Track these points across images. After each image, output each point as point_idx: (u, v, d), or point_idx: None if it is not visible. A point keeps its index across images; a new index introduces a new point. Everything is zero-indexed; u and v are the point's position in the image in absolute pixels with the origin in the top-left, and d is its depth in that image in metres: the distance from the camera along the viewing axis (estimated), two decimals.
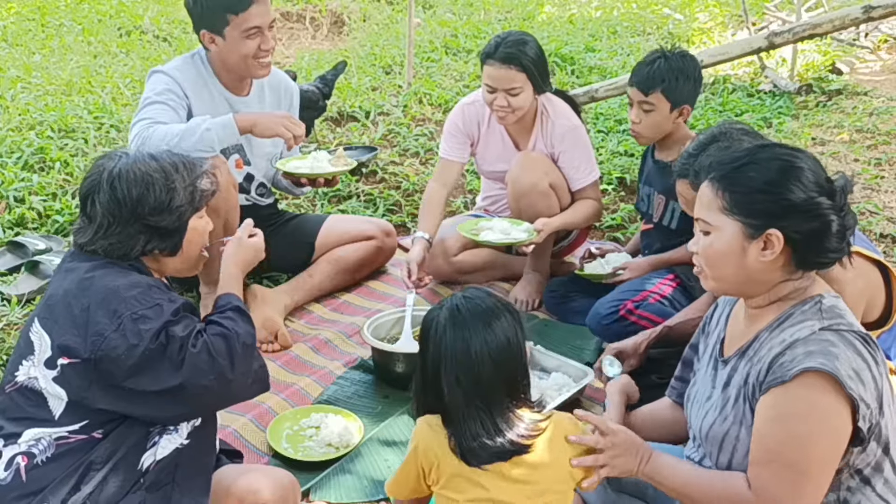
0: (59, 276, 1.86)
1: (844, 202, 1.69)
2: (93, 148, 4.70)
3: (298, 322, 3.26)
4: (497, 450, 1.65)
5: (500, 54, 3.13)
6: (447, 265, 3.48)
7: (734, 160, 1.73)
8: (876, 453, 1.64)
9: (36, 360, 1.73)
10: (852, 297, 2.08)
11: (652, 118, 2.95)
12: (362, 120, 5.47)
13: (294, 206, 4.26)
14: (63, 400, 1.71)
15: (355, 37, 8.13)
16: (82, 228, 1.87)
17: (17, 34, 7.25)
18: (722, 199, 1.70)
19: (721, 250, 1.71)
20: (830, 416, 1.58)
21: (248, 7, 2.92)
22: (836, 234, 1.66)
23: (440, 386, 1.69)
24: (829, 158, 4.90)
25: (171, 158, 1.92)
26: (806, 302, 1.70)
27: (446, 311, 1.72)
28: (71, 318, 1.72)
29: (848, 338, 1.63)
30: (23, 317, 3.21)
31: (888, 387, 1.66)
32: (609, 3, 9.19)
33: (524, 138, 3.39)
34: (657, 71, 2.90)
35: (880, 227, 3.98)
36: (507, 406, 1.68)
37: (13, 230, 3.88)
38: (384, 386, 2.81)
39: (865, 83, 6.38)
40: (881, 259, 2.16)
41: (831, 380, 1.56)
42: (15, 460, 1.69)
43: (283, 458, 2.41)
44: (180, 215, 1.88)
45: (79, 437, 1.71)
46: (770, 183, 1.67)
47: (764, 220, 1.66)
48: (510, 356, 1.69)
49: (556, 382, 2.69)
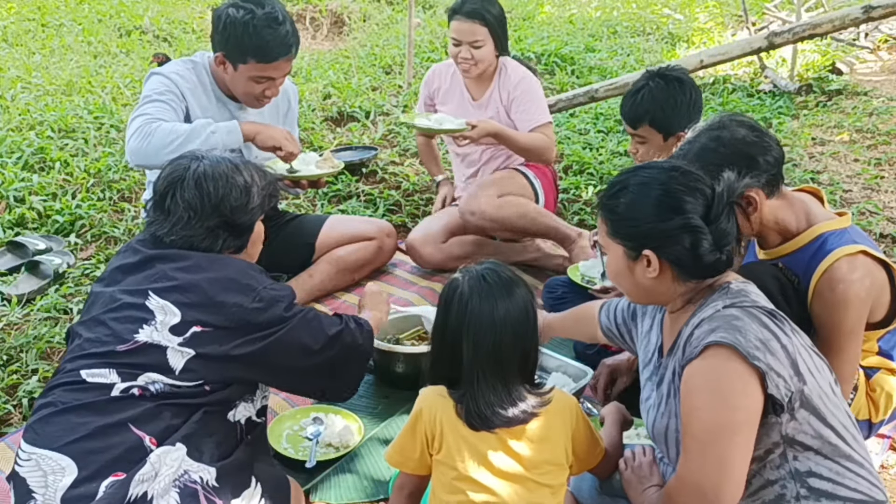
0: (151, 258, 1.99)
1: (723, 211, 1.74)
2: (93, 148, 4.70)
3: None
4: (506, 417, 1.72)
5: (466, 9, 3.46)
6: (437, 252, 3.60)
7: (611, 186, 1.84)
8: (810, 421, 1.67)
9: (159, 326, 1.88)
10: (858, 297, 2.08)
11: (648, 149, 2.84)
12: (362, 120, 5.48)
13: (294, 206, 4.26)
14: (185, 357, 1.87)
15: (355, 37, 8.14)
16: (157, 221, 2.02)
17: (17, 34, 7.25)
18: (605, 224, 1.83)
19: (614, 269, 1.85)
20: (734, 387, 1.62)
21: (271, 61, 2.89)
22: (710, 249, 1.73)
23: (459, 352, 1.74)
24: (829, 158, 4.91)
25: (247, 165, 2.11)
26: (716, 290, 1.78)
27: (471, 280, 1.78)
28: (205, 296, 1.90)
29: (752, 312, 1.69)
30: (23, 316, 3.22)
31: (807, 356, 1.70)
32: (609, 3, 9.19)
33: (481, 90, 3.63)
34: (641, 103, 2.77)
35: (880, 227, 3.98)
36: (518, 378, 1.75)
37: (13, 230, 3.88)
38: (384, 386, 2.81)
39: (865, 83, 6.38)
40: (885, 259, 2.16)
41: (734, 351, 1.62)
42: (131, 390, 1.84)
43: (283, 458, 2.41)
44: (252, 216, 2.08)
45: (189, 387, 1.87)
46: (636, 209, 1.76)
47: (637, 242, 1.77)
48: (528, 328, 1.77)
49: (556, 382, 2.69)
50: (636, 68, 6.36)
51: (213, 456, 1.84)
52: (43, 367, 2.91)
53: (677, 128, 2.77)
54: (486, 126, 3.39)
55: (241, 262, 2.04)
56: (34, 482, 1.74)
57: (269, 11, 2.86)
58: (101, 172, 4.38)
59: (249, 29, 2.84)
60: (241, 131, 2.84)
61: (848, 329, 2.10)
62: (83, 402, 1.82)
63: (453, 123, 3.42)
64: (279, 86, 3.02)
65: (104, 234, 3.87)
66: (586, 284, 3.15)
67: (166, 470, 1.75)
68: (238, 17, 2.84)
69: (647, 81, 2.80)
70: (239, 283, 1.95)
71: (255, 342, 1.93)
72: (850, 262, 2.09)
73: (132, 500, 1.69)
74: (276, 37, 2.86)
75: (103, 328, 1.90)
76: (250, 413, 2.01)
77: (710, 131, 2.17)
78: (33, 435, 1.81)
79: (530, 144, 3.53)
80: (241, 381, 1.96)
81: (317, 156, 3.20)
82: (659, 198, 1.74)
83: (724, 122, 2.17)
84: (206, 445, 1.84)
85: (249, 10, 2.85)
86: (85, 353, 1.88)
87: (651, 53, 7.19)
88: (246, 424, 1.99)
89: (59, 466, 1.74)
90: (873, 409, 2.31)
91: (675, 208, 1.73)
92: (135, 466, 1.73)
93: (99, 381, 1.84)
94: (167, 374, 1.86)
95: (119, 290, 1.95)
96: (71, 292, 3.40)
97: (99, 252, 3.73)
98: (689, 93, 2.79)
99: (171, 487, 1.74)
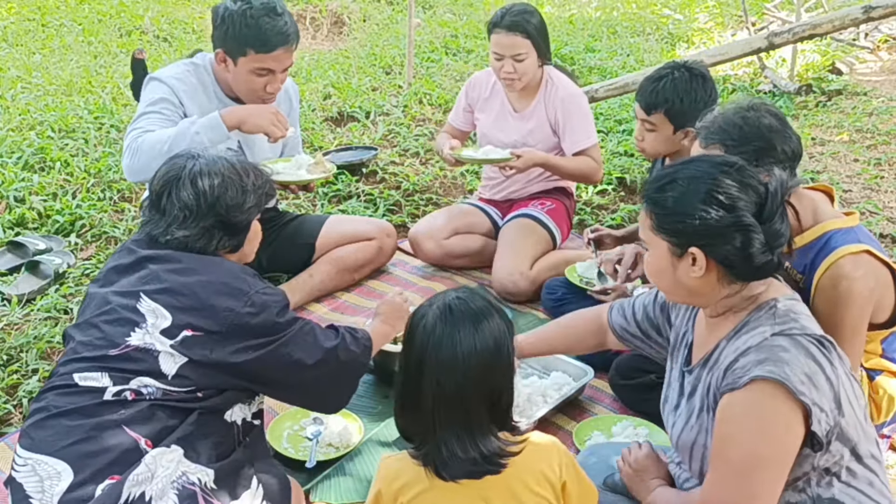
0: (144, 258, 1.97)
1: (777, 210, 1.68)
2: (93, 148, 4.70)
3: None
4: (469, 466, 1.57)
5: (506, 22, 3.32)
6: (438, 248, 3.59)
7: (658, 179, 1.76)
8: (842, 453, 1.65)
9: (150, 329, 1.87)
10: (862, 295, 2.08)
11: (654, 137, 2.81)
12: (362, 120, 5.48)
13: (295, 206, 4.26)
14: (178, 363, 1.85)
15: (355, 37, 8.14)
16: (153, 221, 2.00)
17: (18, 34, 7.25)
18: (650, 218, 1.75)
19: (656, 266, 1.77)
20: (778, 423, 1.58)
21: (270, 51, 2.89)
22: (761, 250, 1.66)
23: (420, 388, 1.58)
24: (829, 158, 4.91)
25: (243, 164, 2.08)
26: (761, 307, 1.71)
27: (436, 309, 1.62)
28: (196, 300, 1.88)
29: (801, 342, 1.63)
30: (23, 316, 3.22)
31: (848, 385, 1.66)
32: (609, 4, 9.19)
33: (524, 102, 3.54)
34: (662, 90, 2.73)
35: (880, 227, 3.98)
36: (486, 421, 1.59)
37: (13, 230, 3.88)
38: (384, 386, 2.81)
39: (865, 83, 6.38)
40: (889, 262, 2.16)
41: (781, 387, 1.57)
42: (123, 393, 1.83)
43: (283, 458, 2.41)
44: (249, 215, 2.05)
45: (181, 392, 1.86)
46: (685, 204, 1.68)
47: (684, 239, 1.69)
48: (499, 366, 1.60)
49: (556, 381, 2.69)
50: (636, 68, 6.36)
51: (211, 457, 1.84)
52: (43, 367, 2.91)
53: (689, 122, 2.71)
54: (531, 157, 3.32)
55: (233, 265, 2.01)
56: (31, 487, 1.73)
57: (266, 2, 2.88)
58: (102, 172, 4.39)
59: (247, 19, 2.85)
60: (225, 122, 2.79)
61: (850, 326, 2.09)
62: (76, 405, 1.81)
63: (498, 154, 3.35)
64: (281, 82, 3.01)
65: (104, 234, 3.87)
66: (584, 286, 3.15)
67: (162, 472, 1.74)
68: (235, 8, 2.86)
69: (671, 70, 2.76)
70: (230, 287, 1.92)
71: (248, 351, 1.90)
72: (854, 260, 2.08)
73: (128, 500, 1.69)
74: (274, 26, 2.87)
75: (96, 331, 1.90)
76: (245, 414, 2.00)
77: (738, 109, 2.16)
78: (28, 440, 1.80)
79: (577, 171, 3.47)
80: (233, 388, 1.93)
81: (310, 158, 3.19)
82: (710, 193, 1.66)
83: (755, 105, 2.16)
84: (203, 447, 1.83)
85: (247, 1, 2.87)
86: (78, 357, 1.88)
87: (651, 53, 7.19)
88: (243, 425, 1.98)
89: (54, 471, 1.73)
90: (875, 411, 2.31)
91: (727, 205, 1.65)
92: (129, 468, 1.73)
93: (91, 385, 1.83)
94: (159, 378, 1.84)
95: (112, 293, 1.94)
96: (71, 292, 3.40)
97: (99, 252, 3.73)
98: (710, 91, 2.75)
99: (169, 489, 1.73)
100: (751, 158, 2.09)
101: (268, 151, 3.25)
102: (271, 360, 1.92)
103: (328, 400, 2.17)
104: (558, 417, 2.62)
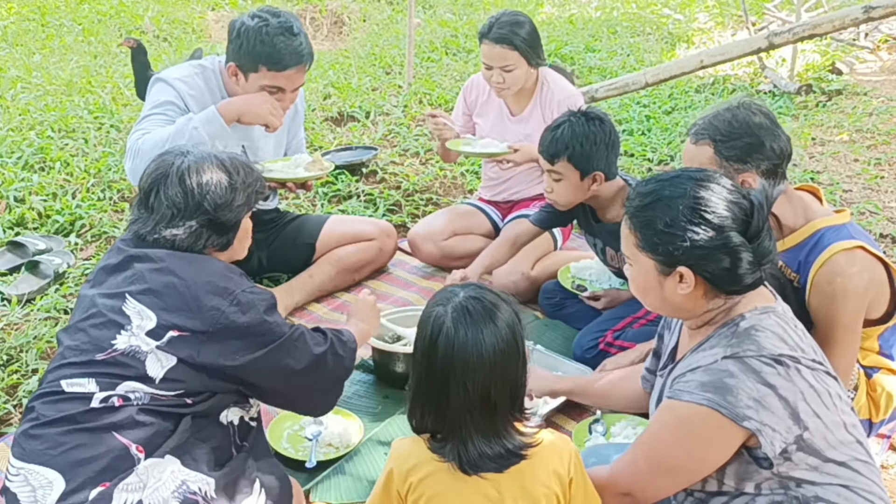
0: (130, 258, 1.94)
1: (763, 225, 1.68)
2: (93, 148, 4.70)
3: (299, 322, 3.26)
4: (496, 462, 1.60)
5: (494, 34, 3.34)
6: (437, 250, 3.59)
7: (642, 196, 1.74)
8: (807, 461, 1.65)
9: (136, 330, 1.84)
10: (856, 291, 2.09)
11: (563, 186, 2.77)
12: (362, 120, 5.48)
13: (295, 206, 4.26)
14: (165, 366, 1.82)
15: (355, 37, 8.14)
16: (141, 219, 1.97)
17: (18, 34, 7.25)
18: (635, 236, 1.74)
19: (641, 283, 1.78)
20: (702, 443, 1.65)
21: (283, 69, 2.88)
22: (749, 266, 1.67)
23: (445, 392, 1.59)
24: (829, 158, 4.91)
25: (233, 161, 2.05)
26: (726, 324, 1.72)
27: (453, 312, 1.61)
28: (181, 300, 1.85)
29: (751, 365, 1.62)
30: (23, 316, 3.22)
31: (814, 397, 1.64)
32: (609, 4, 9.19)
33: (521, 105, 3.56)
34: (561, 138, 2.72)
35: (880, 226, 3.98)
36: (508, 414, 1.62)
37: (13, 230, 3.88)
38: (384, 386, 2.81)
39: (865, 83, 6.38)
40: (883, 257, 2.16)
41: (716, 413, 1.61)
42: (110, 399, 1.80)
43: (283, 458, 2.41)
44: (237, 213, 2.02)
45: (171, 397, 1.83)
46: (672, 225, 1.67)
47: (671, 258, 1.69)
48: (517, 357, 1.62)
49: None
50: (636, 68, 6.36)
51: (210, 463, 1.82)
52: (43, 367, 2.91)
53: (594, 166, 2.71)
54: (529, 151, 3.31)
55: (219, 264, 1.98)
56: (24, 497, 1.73)
57: (283, 21, 2.88)
58: (102, 172, 4.39)
59: (262, 36, 2.84)
60: (222, 115, 2.79)
61: (845, 322, 2.10)
62: (64, 413, 1.78)
63: (497, 147, 3.38)
64: (291, 101, 3.01)
65: (104, 234, 3.87)
66: (576, 290, 3.15)
67: (154, 482, 1.72)
68: (252, 25, 2.86)
69: (567, 118, 2.76)
70: (216, 286, 1.88)
71: (239, 355, 1.87)
72: (849, 256, 2.09)
73: None
74: (289, 45, 2.86)
75: (83, 335, 1.87)
76: (242, 416, 1.98)
77: (728, 106, 2.18)
78: (20, 450, 1.79)
79: None
80: (221, 391, 1.90)
81: (308, 157, 3.19)
82: (697, 212, 1.66)
83: (745, 103, 2.19)
84: (200, 453, 1.82)
85: (264, 18, 2.87)
86: (66, 363, 1.86)
87: (651, 53, 7.19)
88: (239, 426, 1.97)
89: (46, 480, 1.72)
90: (874, 409, 2.31)
91: (716, 225, 1.65)
92: (120, 475, 1.72)
93: (78, 391, 1.80)
94: (147, 383, 1.81)
95: (99, 294, 1.92)
96: (71, 292, 3.40)
97: (99, 252, 3.73)
98: (609, 132, 2.74)
99: (170, 499, 1.72)
100: (740, 155, 2.11)
101: (272, 155, 3.25)
102: (262, 364, 1.90)
103: (315, 404, 2.17)
104: (558, 417, 2.62)
